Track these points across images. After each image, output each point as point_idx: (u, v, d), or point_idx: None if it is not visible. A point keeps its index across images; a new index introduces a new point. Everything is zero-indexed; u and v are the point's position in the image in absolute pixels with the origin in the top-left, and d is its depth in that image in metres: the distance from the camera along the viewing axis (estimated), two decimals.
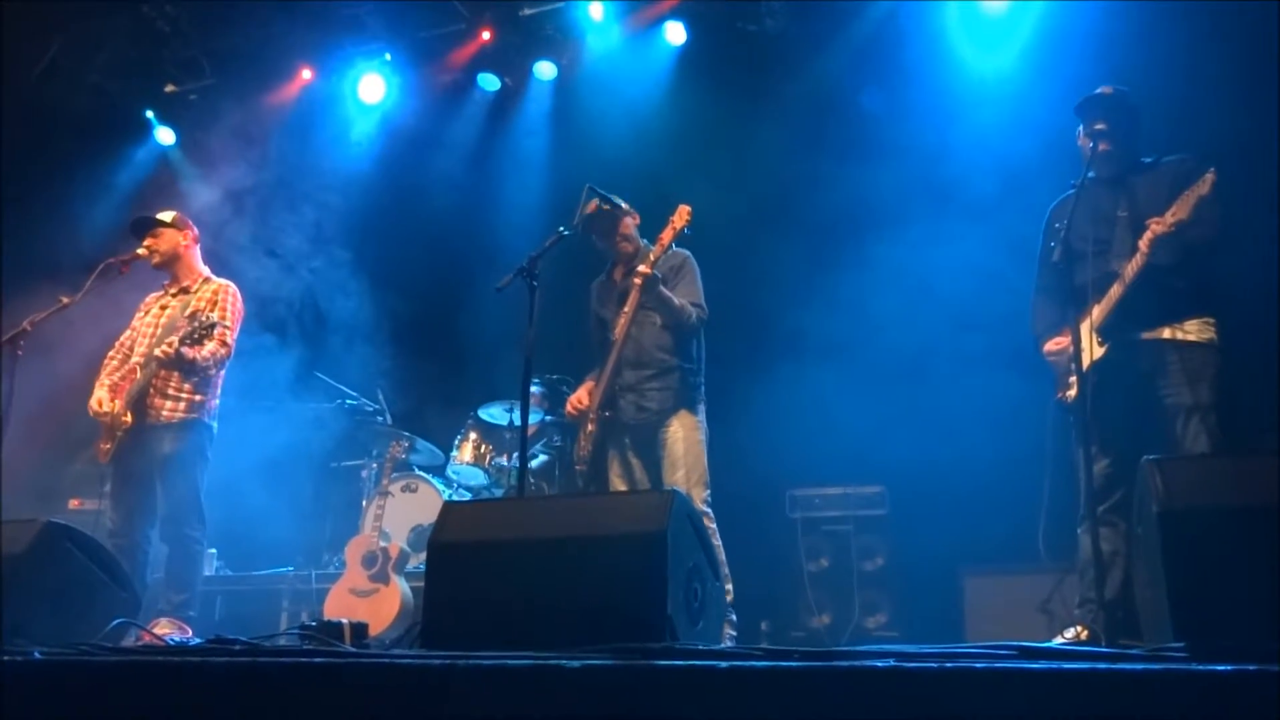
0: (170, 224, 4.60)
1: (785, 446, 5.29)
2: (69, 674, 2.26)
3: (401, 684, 1.97)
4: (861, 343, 5.17)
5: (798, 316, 5.42)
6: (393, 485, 5.83)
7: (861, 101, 5.84)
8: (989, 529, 4.81)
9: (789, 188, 5.74)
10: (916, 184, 5.29)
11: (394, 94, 7.55)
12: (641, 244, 4.27)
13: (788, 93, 6.13)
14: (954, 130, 5.31)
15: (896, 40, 5.83)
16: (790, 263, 5.51)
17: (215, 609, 5.87)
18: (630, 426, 4.10)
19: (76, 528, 3.31)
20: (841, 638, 5.03)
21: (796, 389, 5.18)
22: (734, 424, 4.55)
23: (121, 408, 4.23)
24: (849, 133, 5.71)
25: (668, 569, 2.36)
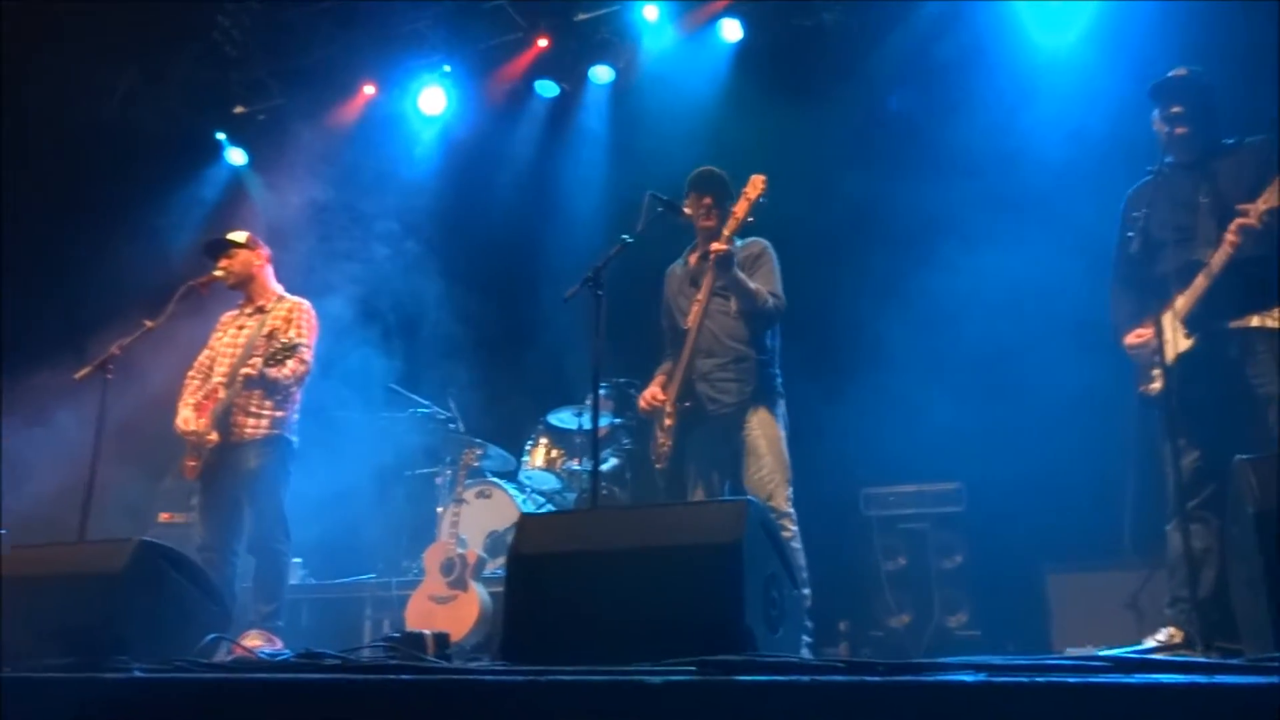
0: (243, 244, 4.73)
1: (858, 445, 5.23)
2: (168, 691, 2.35)
3: (486, 701, 2.00)
4: (930, 338, 5.09)
5: (863, 314, 5.35)
6: (467, 492, 5.91)
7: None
8: (1071, 525, 4.70)
9: (853, 183, 5.66)
10: (986, 177, 5.17)
11: (454, 105, 7.65)
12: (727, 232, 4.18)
13: (848, 87, 6.05)
14: (1022, 121, 5.19)
15: (958, 33, 5.72)
16: (857, 260, 5.45)
17: (301, 617, 6.01)
18: (708, 419, 3.97)
19: (169, 545, 3.42)
20: (922, 637, 4.96)
21: (866, 386, 5.12)
22: (805, 423, 4.50)
23: (207, 426, 4.37)
24: (914, 127, 5.62)
25: (744, 579, 2.36)
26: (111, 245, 6.84)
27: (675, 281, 4.28)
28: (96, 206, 7.19)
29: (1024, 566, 4.86)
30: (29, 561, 3.42)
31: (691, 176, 4.10)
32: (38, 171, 6.97)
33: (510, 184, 7.44)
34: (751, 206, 3.90)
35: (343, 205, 7.33)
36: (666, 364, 4.24)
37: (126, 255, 6.73)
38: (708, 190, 4.05)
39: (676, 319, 4.18)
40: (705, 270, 4.00)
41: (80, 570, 3.23)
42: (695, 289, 4.07)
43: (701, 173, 4.08)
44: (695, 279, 4.11)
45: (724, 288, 3.96)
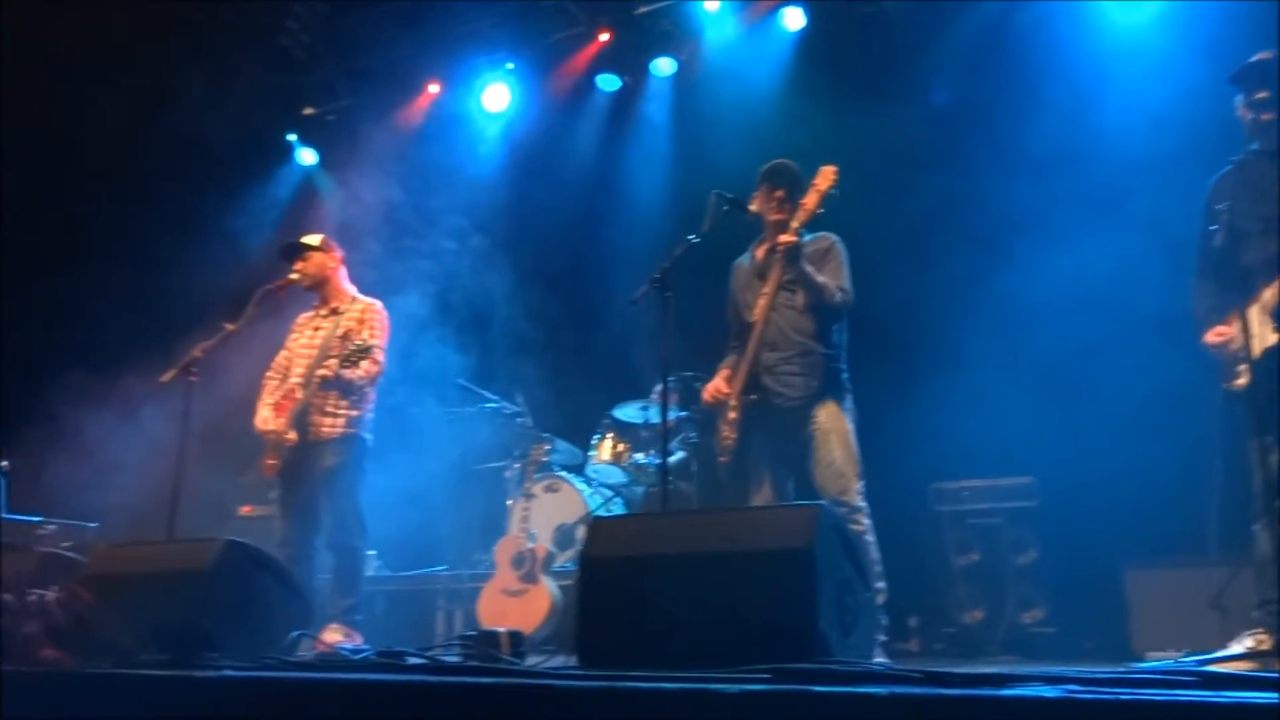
0: (317, 247, 4.83)
1: (926, 440, 5.16)
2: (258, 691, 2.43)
3: (563, 706, 2.03)
4: (1002, 332, 5.00)
5: (931, 308, 5.29)
6: (536, 486, 5.99)
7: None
8: (1150, 520, 4.58)
9: (921, 175, 5.58)
10: (1061, 168, 5.06)
11: (517, 101, 7.73)
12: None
13: (914, 76, 5.94)
14: (1096, 109, 5.06)
15: (1027, 18, 5.58)
16: (926, 254, 5.36)
17: (376, 608, 6.15)
18: (774, 414, 3.93)
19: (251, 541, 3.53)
20: (996, 634, 4.89)
21: (935, 381, 5.05)
22: (872, 418, 4.46)
23: (285, 425, 4.49)
24: (984, 118, 5.50)
25: (817, 585, 2.36)
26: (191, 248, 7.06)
27: (742, 275, 4.24)
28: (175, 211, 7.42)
29: (1101, 562, 4.75)
30: (119, 559, 3.57)
31: (764, 169, 4.06)
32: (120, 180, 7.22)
33: (574, 179, 7.48)
34: (821, 198, 3.85)
35: (410, 203, 7.45)
36: (731, 357, 4.22)
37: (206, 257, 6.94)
38: (780, 183, 4.01)
39: (743, 312, 4.15)
40: (773, 263, 3.96)
41: (168, 569, 3.35)
42: (762, 282, 4.04)
43: (774, 165, 4.05)
44: (762, 272, 4.07)
45: (791, 281, 3.92)
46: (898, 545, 4.44)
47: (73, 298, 7.02)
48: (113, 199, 7.19)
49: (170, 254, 7.02)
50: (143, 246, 7.17)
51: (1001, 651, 4.84)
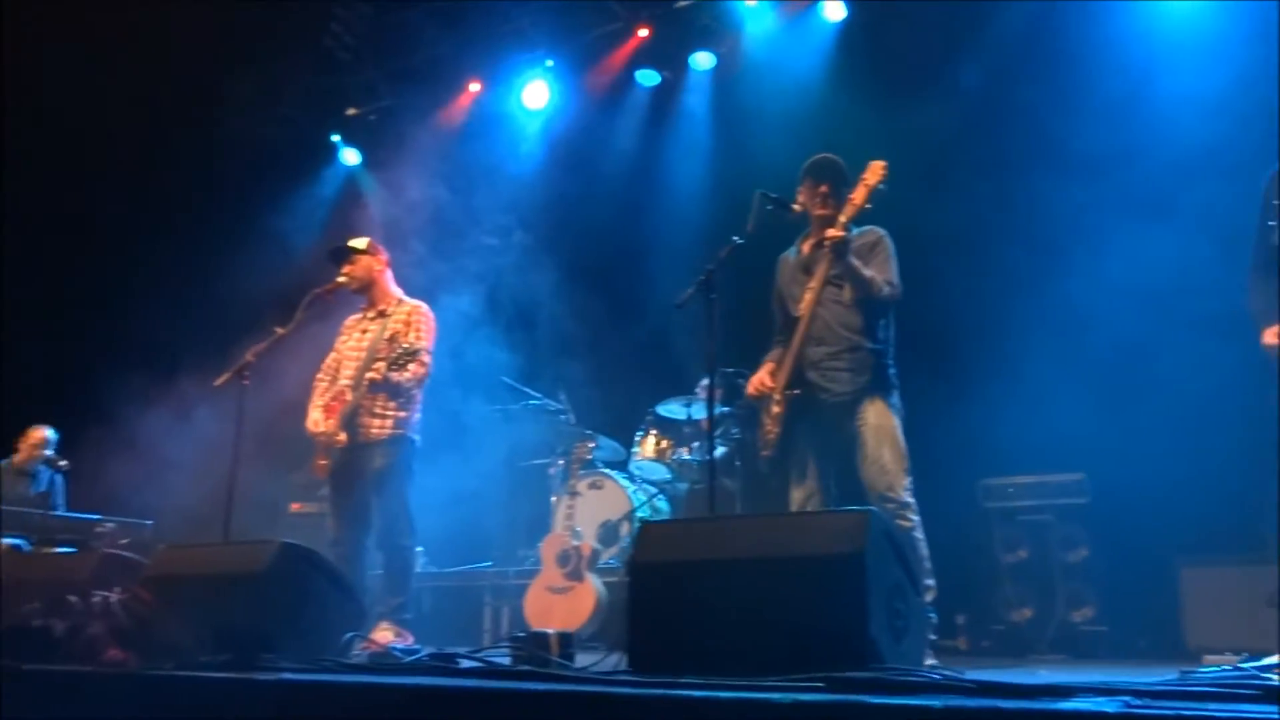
0: (364, 250, 4.89)
1: (974, 436, 5.11)
2: (317, 693, 2.49)
3: (617, 714, 2.05)
4: (1049, 328, 4.94)
5: (977, 304, 5.22)
6: (580, 483, 6.02)
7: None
8: (1205, 517, 4.51)
9: (966, 168, 5.51)
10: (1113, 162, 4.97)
11: (557, 98, 7.75)
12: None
13: (959, 68, 5.86)
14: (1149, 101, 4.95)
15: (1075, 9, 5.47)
16: (973, 250, 5.30)
17: (423, 604, 6.24)
18: (819, 409, 3.89)
19: (306, 545, 3.58)
20: (1045, 632, 4.84)
21: (982, 377, 5.00)
22: (919, 414, 4.42)
23: (335, 427, 4.56)
24: (1029, 110, 5.42)
25: (867, 590, 2.35)
26: (242, 249, 7.19)
27: (787, 269, 4.20)
28: (227, 213, 7.56)
29: (1154, 560, 4.69)
30: (178, 561, 3.66)
31: (808, 164, 4.01)
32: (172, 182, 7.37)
33: (614, 175, 7.49)
34: (870, 193, 3.80)
35: (452, 202, 7.51)
36: (775, 350, 4.19)
37: (256, 258, 7.06)
38: (824, 178, 3.98)
39: (788, 306, 4.13)
40: (819, 258, 3.93)
41: (226, 571, 3.42)
42: (808, 277, 4.01)
43: (818, 160, 4.00)
44: (808, 267, 4.04)
45: (839, 275, 3.88)
46: (945, 542, 4.40)
47: (129, 300, 7.19)
48: (166, 201, 7.34)
49: (222, 255, 7.16)
50: (196, 248, 7.33)
51: (1051, 650, 4.80)
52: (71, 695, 2.89)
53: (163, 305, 7.19)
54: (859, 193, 3.81)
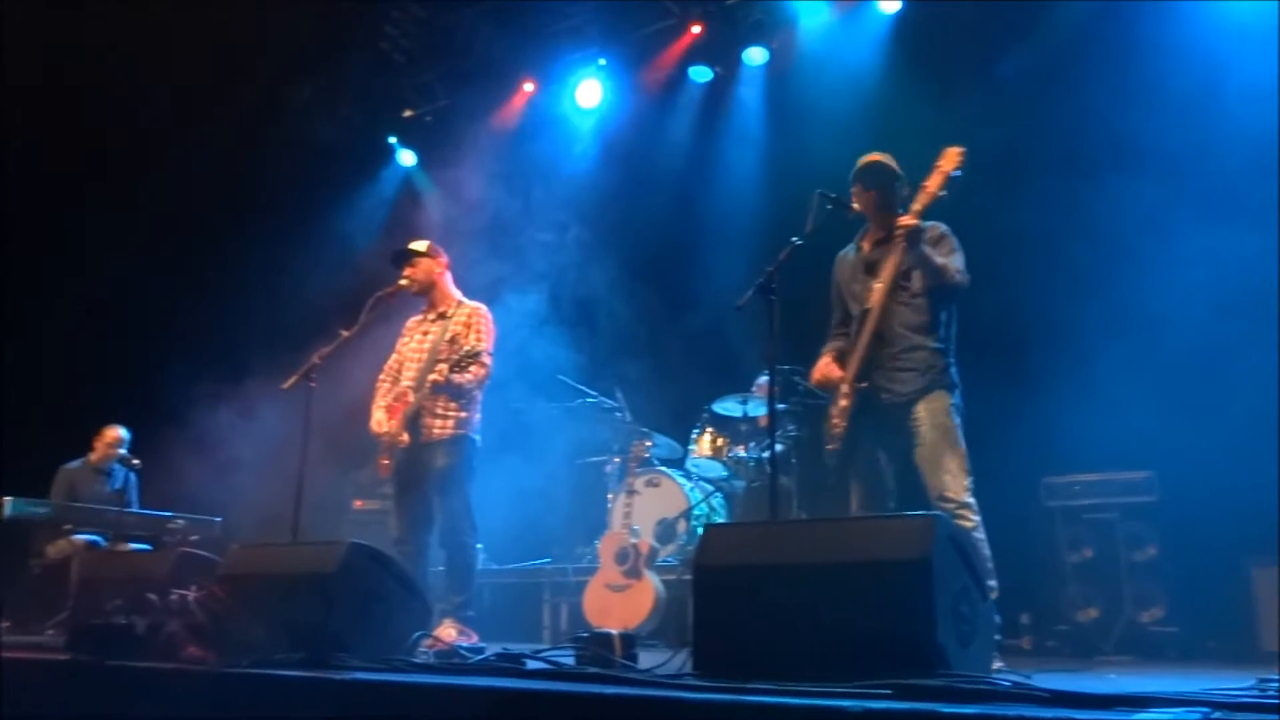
0: (425, 253, 4.96)
1: (1037, 433, 5.04)
2: (388, 694, 2.55)
3: (688, 717, 2.08)
4: (1117, 327, 4.84)
5: (1043, 301, 5.14)
6: (637, 481, 6.05)
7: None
8: (1276, 516, 4.39)
9: (1032, 164, 5.40)
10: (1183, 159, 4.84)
11: (610, 96, 7.78)
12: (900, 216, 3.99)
13: (1020, 59, 5.75)
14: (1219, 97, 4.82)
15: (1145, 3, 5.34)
16: (1036, 247, 5.21)
17: (483, 600, 6.32)
18: (881, 406, 3.86)
19: (373, 545, 3.65)
20: (1112, 632, 4.76)
21: (1047, 375, 4.93)
22: (981, 411, 4.37)
23: (398, 428, 4.64)
24: (1094, 103, 5.30)
25: (934, 596, 2.34)
26: (307, 251, 7.35)
27: (846, 267, 4.17)
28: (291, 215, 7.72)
29: (1225, 559, 4.60)
30: (250, 560, 3.76)
31: (857, 168, 3.97)
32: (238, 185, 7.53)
33: (668, 172, 7.50)
34: (945, 181, 3.72)
35: (507, 200, 7.58)
36: (834, 343, 4.17)
37: (320, 259, 7.22)
38: (873, 185, 3.95)
39: (849, 303, 4.11)
40: (885, 254, 3.90)
41: (297, 570, 3.50)
42: (869, 274, 3.99)
43: (867, 165, 3.95)
44: (870, 264, 4.01)
45: (907, 270, 3.85)
46: (1007, 540, 4.35)
47: (200, 303, 7.38)
48: (232, 204, 7.51)
49: (287, 257, 7.33)
50: (263, 251, 7.49)
51: (1118, 651, 4.72)
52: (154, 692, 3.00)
53: (232, 307, 7.37)
54: (934, 180, 3.74)
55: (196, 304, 7.37)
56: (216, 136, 7.37)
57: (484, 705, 2.35)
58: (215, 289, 7.41)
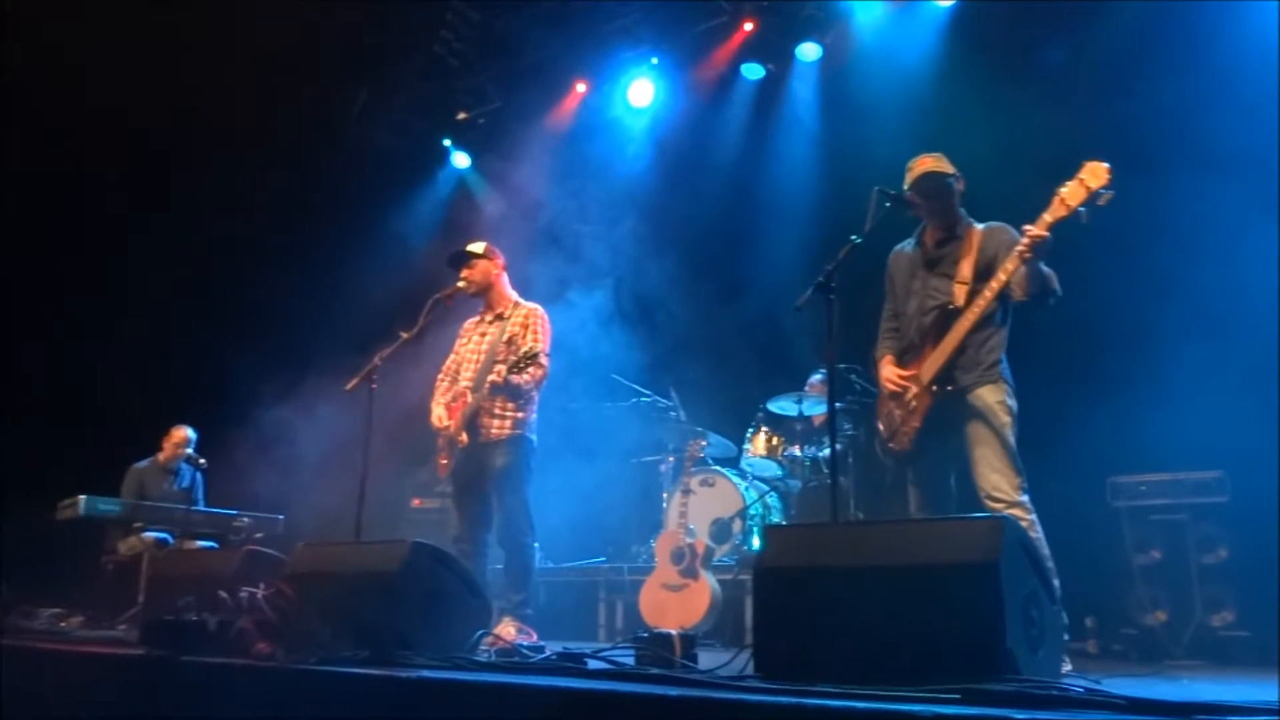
0: (482, 255, 5.01)
1: (1102, 431, 4.94)
2: (453, 692, 2.58)
3: (752, 718, 2.07)
4: (1184, 324, 4.72)
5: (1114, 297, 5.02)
6: (692, 480, 6.05)
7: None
8: None
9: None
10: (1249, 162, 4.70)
11: (662, 95, 7.79)
12: (961, 214, 3.98)
13: (1081, 51, 5.63)
14: None
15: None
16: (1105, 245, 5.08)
17: (539, 598, 6.36)
18: (947, 403, 3.78)
19: (434, 544, 3.70)
20: (1181, 637, 4.65)
21: (1114, 373, 4.82)
22: (1045, 409, 4.28)
23: (457, 427, 4.70)
24: (1158, 99, 5.15)
25: (1004, 600, 2.31)
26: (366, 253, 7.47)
27: (905, 262, 4.12)
28: (351, 218, 7.86)
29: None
30: (316, 559, 3.82)
31: (909, 178, 3.91)
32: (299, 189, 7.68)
33: (721, 170, 7.49)
34: (1088, 198, 3.43)
35: (560, 201, 7.63)
36: (889, 342, 4.13)
37: (379, 262, 7.33)
38: (924, 195, 3.90)
39: (904, 300, 4.06)
40: (953, 252, 3.86)
41: (362, 569, 3.55)
42: (932, 271, 3.94)
43: (918, 176, 3.87)
44: (933, 261, 3.96)
45: (986, 269, 3.77)
46: (1072, 541, 4.27)
47: (262, 307, 7.54)
48: (293, 209, 7.66)
49: (347, 260, 7.46)
50: (323, 254, 7.64)
51: (1187, 656, 4.61)
52: (224, 687, 3.07)
53: (295, 310, 7.51)
54: (1074, 193, 3.47)
55: (260, 307, 7.53)
56: (278, 142, 7.52)
57: (548, 705, 2.36)
58: (279, 292, 7.56)
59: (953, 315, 3.77)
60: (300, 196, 7.70)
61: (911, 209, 3.92)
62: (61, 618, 5.50)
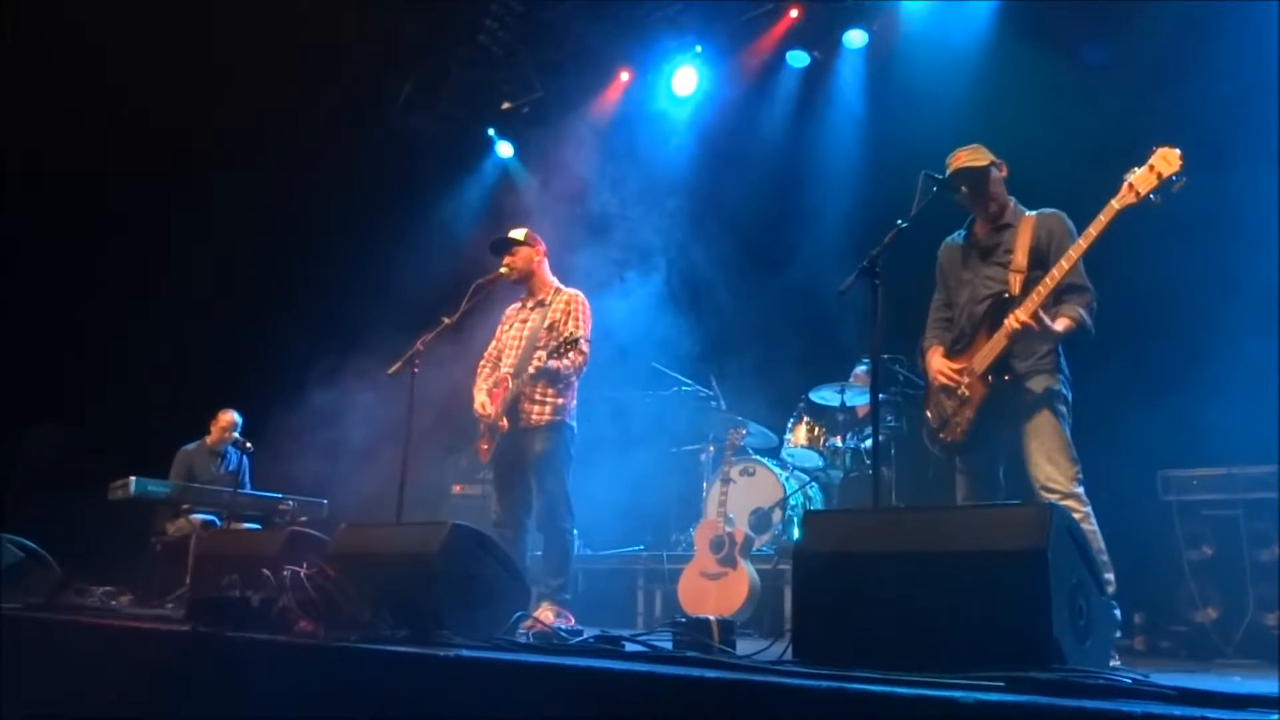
0: (523, 241, 5.02)
1: (1154, 424, 4.82)
2: (492, 671, 2.59)
3: (789, 705, 2.05)
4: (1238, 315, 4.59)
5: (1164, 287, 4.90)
6: (732, 470, 6.02)
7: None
8: None
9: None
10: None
11: (706, 84, 7.75)
12: (1009, 201, 3.92)
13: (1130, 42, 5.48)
14: None
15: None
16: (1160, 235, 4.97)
17: (577, 585, 6.37)
18: (1001, 393, 3.73)
19: (473, 526, 3.72)
20: (1234, 635, 4.53)
21: (1166, 364, 4.70)
22: (1095, 401, 4.18)
23: (498, 413, 4.72)
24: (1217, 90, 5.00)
25: (1050, 588, 2.26)
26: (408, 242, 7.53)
27: (956, 254, 4.06)
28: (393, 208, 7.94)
29: None
30: (358, 540, 3.86)
31: (949, 171, 3.85)
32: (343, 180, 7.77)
33: (766, 158, 7.44)
34: (1160, 185, 3.34)
35: (604, 190, 7.63)
36: (937, 332, 4.08)
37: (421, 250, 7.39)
38: (965, 187, 3.84)
39: (954, 291, 4.01)
40: (1005, 240, 3.82)
41: (402, 550, 3.58)
42: (984, 260, 3.89)
43: (951, 172, 3.82)
44: (985, 251, 3.91)
45: (1040, 258, 3.73)
46: (1121, 536, 4.17)
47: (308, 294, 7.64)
48: (340, 197, 7.75)
49: (392, 248, 7.54)
50: (368, 242, 7.73)
51: (1239, 655, 4.49)
52: (267, 662, 3.11)
53: (339, 297, 7.61)
54: (1145, 181, 3.38)
55: (307, 295, 7.63)
56: (325, 132, 7.60)
57: (585, 686, 2.36)
58: (325, 280, 7.66)
59: (1008, 304, 3.71)
60: (346, 186, 7.78)
61: (959, 198, 3.87)
62: (112, 596, 5.61)
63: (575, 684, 2.38)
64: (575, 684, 2.38)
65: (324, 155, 7.62)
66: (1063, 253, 3.60)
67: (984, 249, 3.91)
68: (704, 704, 2.16)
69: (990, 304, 3.79)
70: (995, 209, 3.90)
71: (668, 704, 2.21)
